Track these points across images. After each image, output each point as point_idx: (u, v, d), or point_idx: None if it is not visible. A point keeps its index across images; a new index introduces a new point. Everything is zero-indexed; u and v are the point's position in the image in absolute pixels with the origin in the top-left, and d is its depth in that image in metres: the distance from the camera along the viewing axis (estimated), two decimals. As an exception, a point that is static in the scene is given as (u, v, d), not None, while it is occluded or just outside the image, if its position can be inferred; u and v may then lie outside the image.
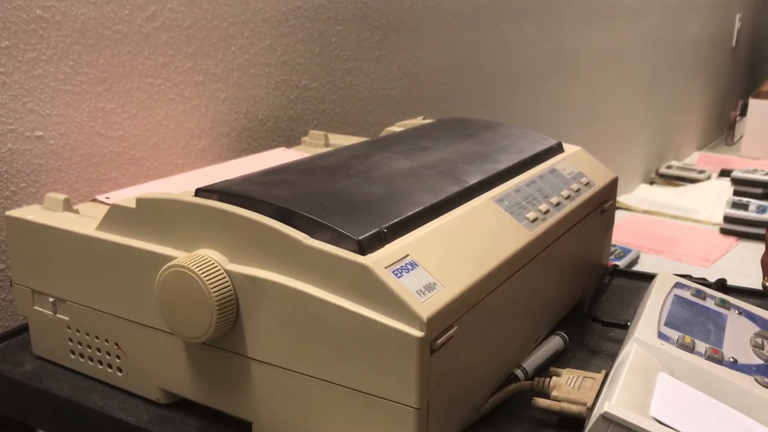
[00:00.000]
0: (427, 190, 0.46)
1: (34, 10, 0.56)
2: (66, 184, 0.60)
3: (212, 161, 0.72)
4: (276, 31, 0.77)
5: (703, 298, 0.51)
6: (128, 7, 0.62)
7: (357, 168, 0.48)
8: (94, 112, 0.61)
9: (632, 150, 1.87)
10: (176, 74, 0.68)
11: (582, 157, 0.63)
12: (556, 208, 0.52)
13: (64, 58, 0.58)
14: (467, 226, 0.44)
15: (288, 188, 0.42)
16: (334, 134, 0.76)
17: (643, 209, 1.70)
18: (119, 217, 0.44)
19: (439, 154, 0.53)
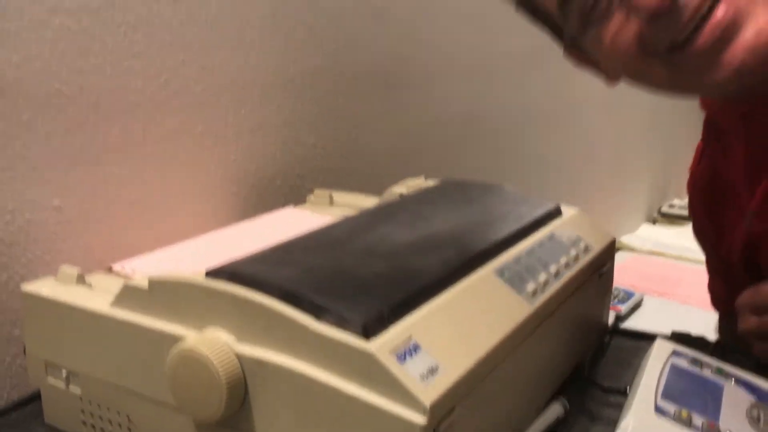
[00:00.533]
0: (429, 265, 0.47)
1: (53, 85, 0.58)
2: (80, 251, 0.62)
3: (221, 220, 0.74)
4: (285, 92, 0.80)
5: (700, 367, 0.52)
6: (142, 77, 0.65)
7: (361, 242, 0.49)
8: (109, 180, 0.63)
9: (634, 189, 1.89)
10: (188, 139, 0.70)
11: (580, 219, 0.64)
12: (556, 278, 0.54)
13: (80, 129, 0.61)
14: (469, 302, 0.46)
15: (294, 268, 0.44)
16: (338, 192, 0.78)
17: (647, 250, 1.71)
18: (132, 295, 0.46)
19: (440, 224, 0.55)
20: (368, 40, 0.90)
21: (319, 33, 0.83)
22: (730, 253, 0.72)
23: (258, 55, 0.76)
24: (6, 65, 0.55)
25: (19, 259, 0.58)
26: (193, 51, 0.69)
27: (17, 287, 0.58)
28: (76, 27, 0.59)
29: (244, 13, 0.73)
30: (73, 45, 0.59)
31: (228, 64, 0.73)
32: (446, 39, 1.04)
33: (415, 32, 0.98)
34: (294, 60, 0.80)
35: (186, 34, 0.68)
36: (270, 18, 0.76)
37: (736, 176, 0.67)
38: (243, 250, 0.49)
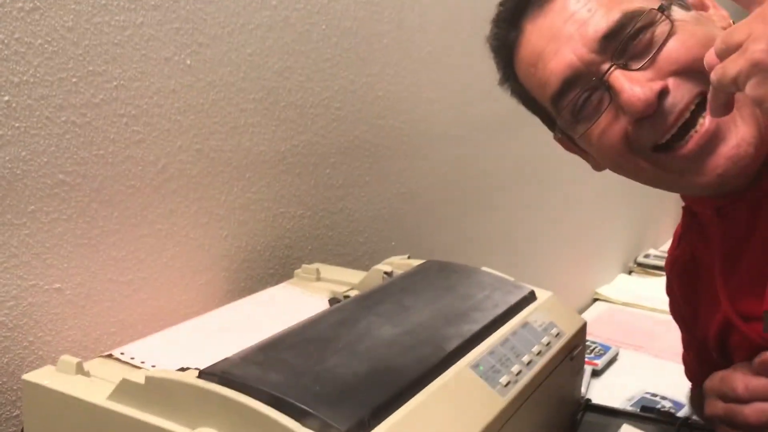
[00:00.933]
0: (408, 363, 0.51)
1: (57, 176, 0.62)
2: (79, 330, 0.65)
3: (214, 295, 0.78)
4: (275, 169, 0.84)
5: (660, 456, 0.56)
6: (141, 164, 0.69)
7: (344, 339, 0.53)
8: (107, 261, 0.67)
9: (611, 240, 1.94)
10: (183, 219, 0.73)
11: (553, 304, 0.68)
12: (528, 367, 0.58)
13: (82, 215, 0.64)
14: (445, 401, 0.49)
15: (281, 371, 0.48)
16: (325, 266, 0.81)
17: (623, 302, 1.76)
18: (129, 390, 0.49)
19: (420, 316, 0.59)
20: (354, 115, 0.94)
21: (309, 112, 0.87)
22: (705, 334, 0.76)
23: (251, 136, 0.80)
24: (15, 161, 0.58)
25: (20, 343, 0.61)
26: (189, 136, 0.73)
27: (18, 369, 0.61)
28: (80, 121, 0.63)
29: (239, 99, 0.78)
30: (77, 138, 0.63)
31: (222, 147, 0.77)
32: (428, 109, 1.09)
33: (399, 104, 1.02)
34: (284, 138, 0.84)
35: (183, 121, 0.72)
36: (263, 102, 0.81)
37: (713, 262, 0.71)
38: (236, 336, 0.52)
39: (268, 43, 0.80)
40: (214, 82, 0.75)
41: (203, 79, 0.74)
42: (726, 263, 0.69)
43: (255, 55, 0.79)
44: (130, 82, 0.67)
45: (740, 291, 0.67)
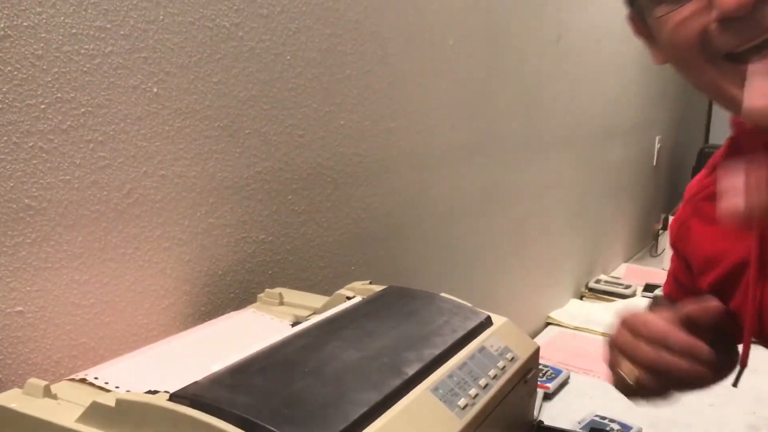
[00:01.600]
0: (372, 387, 0.53)
1: (23, 201, 0.62)
2: (40, 353, 0.65)
3: (174, 317, 0.78)
4: (238, 195, 0.85)
5: (608, 474, 0.59)
6: (106, 189, 0.69)
7: (310, 363, 0.55)
8: (70, 285, 0.67)
9: (563, 266, 2.00)
10: (146, 243, 0.74)
11: (508, 329, 0.71)
12: (485, 390, 0.60)
13: (46, 239, 0.65)
14: (407, 423, 0.51)
15: (251, 394, 0.49)
16: (288, 290, 0.83)
17: (574, 326, 1.81)
18: (99, 413, 0.49)
19: (382, 341, 0.61)
20: (316, 143, 0.97)
21: (272, 139, 0.89)
22: (705, 271, 0.74)
23: (215, 162, 0.81)
24: (-19, 186, 0.59)
25: (-19, 366, 0.61)
26: (154, 162, 0.74)
27: (-23, 393, 0.61)
28: (47, 147, 0.64)
29: (204, 126, 0.79)
30: (44, 163, 0.63)
31: (187, 173, 0.78)
32: (388, 138, 1.12)
33: (360, 133, 1.05)
34: (248, 164, 0.86)
35: (149, 147, 0.73)
36: (227, 129, 0.82)
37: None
38: (203, 359, 0.53)
39: (233, 72, 0.82)
40: (180, 110, 0.76)
41: (169, 106, 0.75)
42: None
43: (221, 83, 0.81)
44: (97, 109, 0.68)
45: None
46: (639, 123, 2.48)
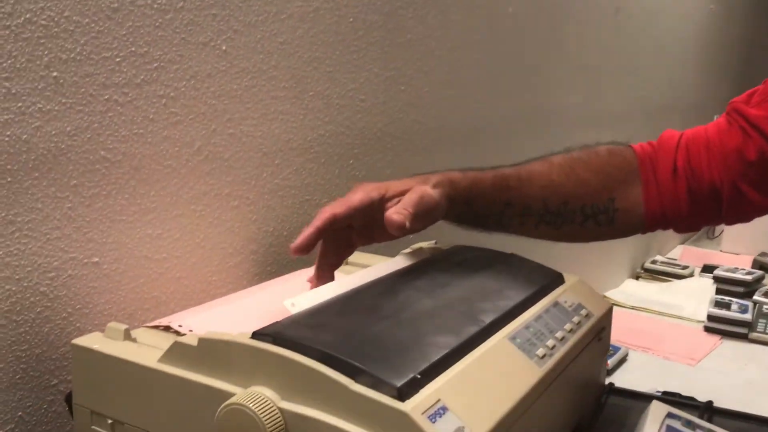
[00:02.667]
0: (450, 332, 0.52)
1: (99, 152, 0.63)
2: (115, 304, 0.66)
3: (242, 276, 0.79)
4: (302, 157, 0.85)
5: (693, 429, 0.57)
6: (178, 145, 0.70)
7: (387, 309, 0.54)
8: (143, 239, 0.68)
9: (619, 246, 1.96)
10: (215, 200, 0.75)
11: (581, 287, 0.70)
12: (561, 342, 0.59)
13: (121, 192, 0.65)
14: (487, 367, 0.50)
15: (332, 333, 0.49)
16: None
17: (631, 305, 1.77)
18: (181, 352, 0.50)
19: (456, 292, 0.60)
20: (377, 108, 0.96)
21: (335, 102, 0.89)
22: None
23: (280, 123, 0.81)
24: (61, 135, 0.60)
25: (60, 314, 0.62)
26: (223, 120, 0.74)
27: (57, 339, 0.62)
28: (122, 100, 0.64)
29: (270, 87, 0.79)
30: (119, 116, 0.64)
31: (254, 132, 0.78)
32: (447, 106, 1.11)
33: (419, 100, 1.04)
34: (312, 127, 0.86)
35: (218, 105, 0.73)
36: (292, 90, 0.82)
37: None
38: (278, 308, 0.53)
39: (298, 33, 0.82)
40: (247, 69, 0.76)
41: (237, 65, 0.75)
42: None
43: (286, 44, 0.81)
44: (169, 65, 0.68)
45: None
46: (699, 100, 2.41)
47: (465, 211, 0.72)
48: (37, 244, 0.59)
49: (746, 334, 1.59)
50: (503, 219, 0.74)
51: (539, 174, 0.74)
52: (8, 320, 0.58)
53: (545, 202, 0.74)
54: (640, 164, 0.75)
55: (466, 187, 0.71)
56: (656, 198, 0.74)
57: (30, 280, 0.59)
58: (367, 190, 0.66)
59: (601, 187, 0.74)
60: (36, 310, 0.60)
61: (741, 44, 2.93)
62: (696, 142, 0.74)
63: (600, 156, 0.76)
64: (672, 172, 0.73)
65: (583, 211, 0.74)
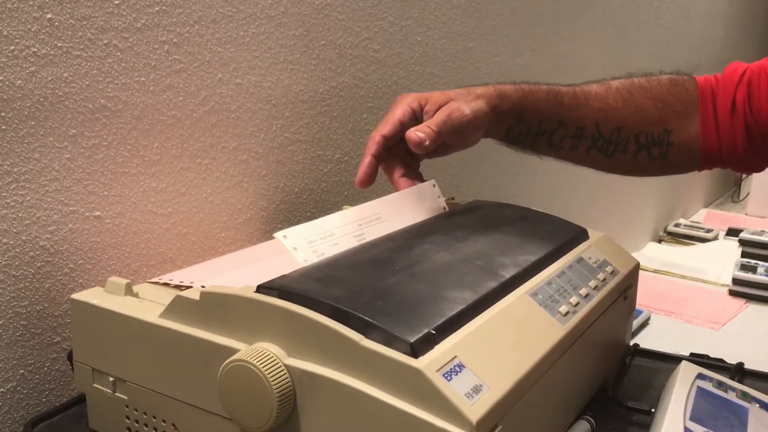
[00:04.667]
0: (467, 287, 0.49)
1: (99, 101, 0.60)
2: (119, 260, 0.64)
3: (251, 233, 0.76)
4: (313, 110, 0.82)
5: (725, 391, 0.54)
6: (182, 94, 0.67)
7: (401, 263, 0.51)
8: (147, 192, 0.65)
9: (641, 208, 1.91)
10: (222, 154, 0.72)
11: (606, 243, 0.66)
12: (585, 299, 0.56)
13: (123, 143, 0.63)
14: (506, 324, 0.47)
15: (342, 287, 0.46)
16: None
17: (653, 269, 1.73)
18: (183, 307, 0.47)
19: (474, 246, 0.57)
20: (392, 60, 0.92)
21: (348, 53, 0.85)
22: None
23: (290, 74, 0.78)
24: (58, 81, 0.57)
25: (61, 269, 0.59)
26: (229, 69, 0.71)
27: (59, 295, 0.60)
28: (122, 45, 0.61)
29: (279, 34, 0.75)
30: (119, 63, 0.61)
31: (262, 83, 0.74)
32: (465, 58, 1.06)
33: (436, 52, 1.00)
34: (323, 78, 0.82)
35: (224, 53, 0.70)
36: (302, 39, 0.78)
37: None
38: (286, 264, 0.50)
39: (308, -23, 0.78)
40: (254, 15, 0.73)
41: (244, 10, 0.72)
42: None
43: (296, -11, 0.77)
44: (172, 8, 0.65)
45: None
46: (724, 60, 2.33)
47: (515, 125, 0.70)
48: (36, 196, 0.57)
49: (773, 298, 1.55)
50: (554, 138, 0.71)
51: (596, 96, 0.71)
52: (6, 275, 0.56)
53: (599, 126, 0.71)
54: (700, 97, 0.71)
55: (518, 99, 0.69)
56: (714, 134, 0.70)
57: (29, 233, 0.57)
58: (407, 101, 0.65)
59: (658, 116, 0.71)
60: (36, 265, 0.58)
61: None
62: (758, 77, 0.69)
63: (661, 84, 0.72)
64: (731, 107, 0.69)
65: (637, 139, 0.71)
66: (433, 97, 0.65)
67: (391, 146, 0.65)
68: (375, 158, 0.63)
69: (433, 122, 0.62)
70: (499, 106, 0.67)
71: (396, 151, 0.66)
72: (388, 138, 0.63)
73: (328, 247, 0.54)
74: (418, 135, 0.61)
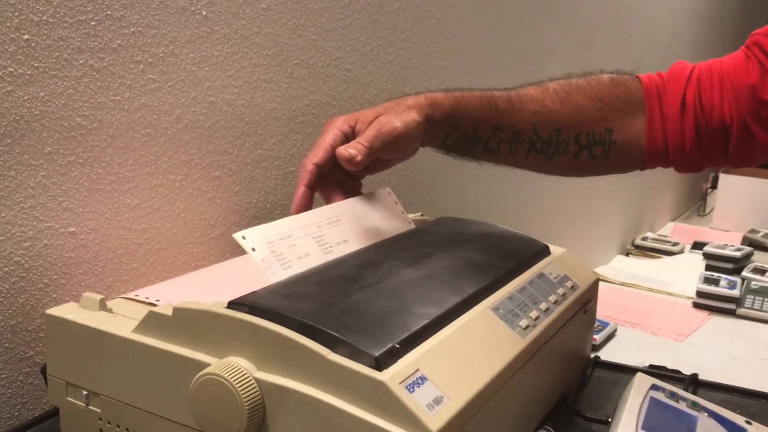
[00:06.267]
0: (431, 302, 0.51)
1: (74, 119, 0.61)
2: (93, 276, 0.65)
3: (224, 248, 0.78)
4: (286, 127, 0.84)
5: (677, 401, 0.56)
6: (156, 112, 0.68)
7: (368, 279, 0.53)
8: (121, 208, 0.67)
9: (609, 222, 1.95)
10: (196, 170, 0.73)
11: (567, 259, 0.69)
12: (545, 314, 0.58)
13: (98, 160, 0.64)
14: (468, 337, 0.50)
15: (309, 302, 0.48)
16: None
17: (620, 281, 1.77)
18: (156, 322, 0.49)
19: (440, 262, 0.59)
20: (364, 78, 0.94)
21: (321, 71, 0.87)
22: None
23: (263, 92, 0.80)
24: (34, 101, 0.58)
25: (36, 284, 0.61)
26: (203, 88, 0.73)
27: (33, 310, 0.61)
28: (98, 65, 0.63)
29: (253, 54, 0.77)
30: (94, 82, 0.62)
31: (235, 101, 0.76)
32: (436, 76, 1.09)
33: (407, 71, 1.02)
34: (296, 96, 0.84)
35: (198, 72, 0.72)
36: (276, 58, 0.80)
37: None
38: (256, 280, 0.52)
39: (282, -1, 0.80)
40: (228, 35, 0.75)
41: (218, 31, 0.73)
42: None
43: (269, 10, 0.79)
44: (147, 29, 0.66)
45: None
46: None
47: (450, 133, 0.69)
48: (11, 212, 0.58)
49: (734, 310, 1.59)
50: (491, 144, 0.70)
51: (532, 98, 0.70)
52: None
53: (536, 129, 0.70)
54: (645, 95, 0.71)
55: (450, 107, 0.68)
56: (660, 132, 0.70)
57: (3, 249, 0.58)
58: (337, 125, 0.64)
59: (598, 116, 0.70)
60: (10, 281, 0.59)
61: (734, 17, 2.91)
62: (709, 76, 0.69)
63: (601, 83, 0.71)
64: (680, 105, 0.69)
65: (577, 140, 0.70)
66: (362, 115, 0.65)
67: (326, 173, 0.64)
68: (309, 188, 0.63)
69: (364, 138, 0.62)
70: (431, 115, 0.67)
71: (334, 176, 0.65)
72: (321, 166, 0.63)
73: (287, 248, 0.56)
74: (349, 151, 0.60)
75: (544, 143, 0.70)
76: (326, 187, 0.65)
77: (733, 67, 0.69)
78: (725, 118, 0.68)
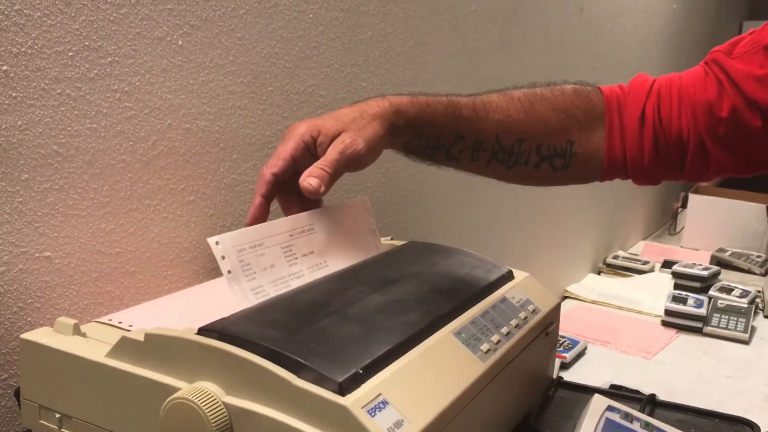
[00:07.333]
0: (395, 327, 0.53)
1: (51, 147, 0.63)
2: (67, 299, 0.66)
3: (198, 271, 0.79)
4: (261, 152, 0.86)
5: (630, 422, 0.59)
6: (132, 139, 0.70)
7: (335, 304, 0.55)
8: (96, 233, 0.68)
9: (582, 241, 1.99)
10: (170, 195, 0.75)
11: (529, 283, 0.71)
12: (506, 337, 0.61)
13: (73, 186, 0.65)
14: (429, 362, 0.52)
15: (277, 329, 0.50)
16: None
17: (591, 299, 1.81)
18: (128, 347, 0.50)
19: (406, 287, 0.61)
20: (338, 104, 0.97)
21: (294, 98, 0.89)
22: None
23: (238, 119, 0.82)
24: (12, 129, 0.60)
25: (11, 308, 0.62)
26: (179, 115, 0.74)
27: (7, 333, 0.62)
28: (75, 94, 0.64)
29: (228, 82, 0.79)
30: (71, 111, 0.64)
31: (210, 128, 0.78)
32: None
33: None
34: (270, 122, 0.86)
35: (174, 100, 0.73)
36: (250, 86, 0.83)
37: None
38: (227, 305, 0.54)
39: (257, 29, 0.82)
40: (204, 64, 0.77)
41: (194, 60, 0.75)
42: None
43: (244, 39, 0.81)
44: (123, 59, 0.68)
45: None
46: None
47: (412, 139, 0.69)
48: (-14, 238, 0.59)
49: (701, 328, 1.63)
50: (453, 151, 0.70)
51: (496, 107, 0.71)
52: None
53: (499, 138, 0.70)
54: (606, 107, 0.71)
55: (415, 114, 0.68)
56: (619, 144, 0.71)
57: (-21, 274, 0.59)
58: (299, 133, 0.63)
59: (561, 128, 0.71)
60: (-15, 305, 0.60)
61: (703, 43, 2.98)
62: (668, 90, 0.70)
63: (565, 95, 0.72)
64: (640, 118, 0.70)
65: (539, 151, 0.71)
66: (325, 126, 0.64)
67: (284, 181, 0.63)
68: (265, 199, 0.62)
69: (327, 163, 0.61)
70: (395, 123, 0.67)
71: (292, 185, 0.64)
72: (280, 176, 0.62)
73: (255, 257, 0.58)
74: (311, 184, 0.60)
75: (506, 153, 0.71)
76: (284, 196, 0.65)
77: (692, 83, 0.70)
78: (683, 132, 0.68)
